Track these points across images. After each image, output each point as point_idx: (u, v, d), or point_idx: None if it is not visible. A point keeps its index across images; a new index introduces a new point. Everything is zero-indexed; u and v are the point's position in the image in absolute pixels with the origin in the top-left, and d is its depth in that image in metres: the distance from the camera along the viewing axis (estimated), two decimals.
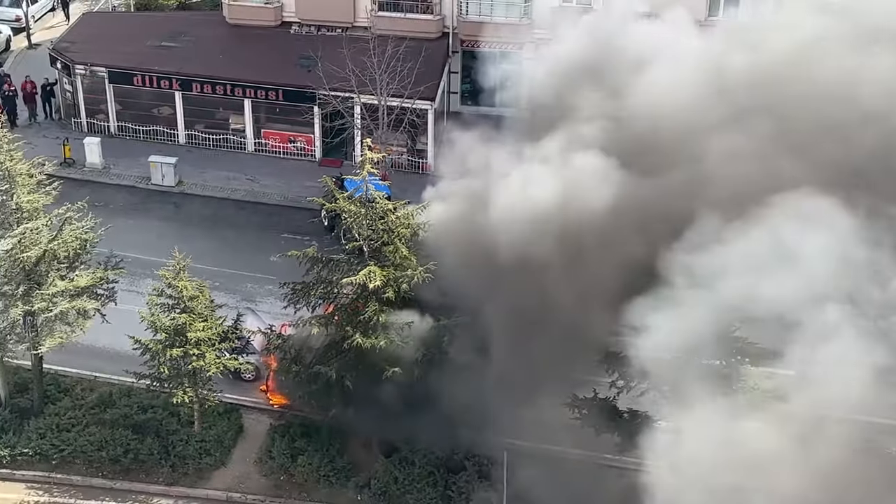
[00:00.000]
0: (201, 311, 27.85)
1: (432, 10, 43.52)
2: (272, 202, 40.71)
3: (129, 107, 44.07)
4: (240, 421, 30.43)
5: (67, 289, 28.10)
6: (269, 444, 29.54)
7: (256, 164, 42.82)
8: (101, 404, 30.33)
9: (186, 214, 40.01)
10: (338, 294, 27.89)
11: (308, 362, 28.30)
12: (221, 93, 42.78)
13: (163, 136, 43.77)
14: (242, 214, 40.10)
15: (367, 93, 39.31)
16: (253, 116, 43.09)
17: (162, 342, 27.58)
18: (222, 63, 43.37)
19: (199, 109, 43.49)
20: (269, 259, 35.98)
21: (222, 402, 29.97)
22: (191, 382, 28.07)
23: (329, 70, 39.50)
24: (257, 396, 31.27)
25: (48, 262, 28.26)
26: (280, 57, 43.33)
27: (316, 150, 43.08)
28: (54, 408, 30.10)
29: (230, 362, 28.56)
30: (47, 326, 28.37)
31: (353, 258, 27.66)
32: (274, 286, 32.19)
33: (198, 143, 43.63)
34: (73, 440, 29.19)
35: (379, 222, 27.17)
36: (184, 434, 29.40)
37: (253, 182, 41.80)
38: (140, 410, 29.94)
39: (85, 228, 28.96)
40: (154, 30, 45.63)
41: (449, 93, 45.15)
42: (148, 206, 40.28)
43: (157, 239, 36.87)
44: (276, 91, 42.30)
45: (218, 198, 40.93)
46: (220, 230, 39.03)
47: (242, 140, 43.47)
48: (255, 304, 34.45)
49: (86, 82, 43.91)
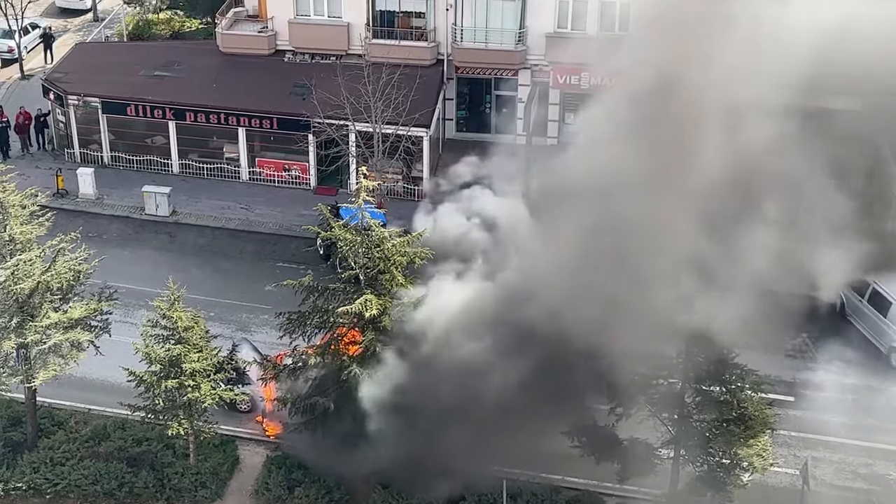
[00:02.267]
0: (196, 342, 27.60)
1: (426, 37, 43.54)
2: (267, 231, 40.54)
3: (122, 137, 43.99)
4: (236, 453, 30.12)
5: (61, 321, 27.84)
6: (265, 475, 29.22)
7: (251, 192, 42.69)
8: (96, 437, 30.02)
9: (181, 244, 39.82)
10: (334, 323, 27.67)
11: (305, 393, 28.05)
12: (215, 122, 42.69)
13: (157, 165, 43.65)
14: (237, 244, 39.92)
15: (361, 120, 39.22)
16: (247, 145, 42.99)
17: (157, 374, 27.31)
18: (216, 92, 43.30)
19: (192, 139, 43.42)
20: (264, 288, 35.82)
21: (218, 433, 29.68)
22: (186, 414, 27.78)
23: (323, 98, 39.44)
24: (253, 427, 30.98)
25: (41, 294, 28.02)
26: (274, 85, 43.27)
27: (311, 179, 42.96)
28: (48, 441, 29.78)
29: (226, 393, 28.27)
30: (41, 359, 28.08)
31: (350, 287, 27.45)
32: (269, 316, 31.96)
33: (192, 172, 43.49)
34: (68, 474, 28.84)
35: (375, 250, 26.98)
36: (179, 467, 29.08)
37: (248, 211, 41.64)
38: (135, 443, 29.63)
39: (78, 260, 28.73)
40: (147, 60, 45.58)
41: (444, 119, 45.11)
42: (142, 237, 40.09)
43: (152, 269, 36.67)
44: (271, 119, 42.22)
45: (212, 227, 40.76)
46: (215, 260, 38.85)
47: (237, 169, 43.33)
48: (251, 333, 34.21)
49: (79, 113, 43.83)
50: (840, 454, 30.01)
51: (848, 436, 30.41)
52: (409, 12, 43.82)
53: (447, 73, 44.20)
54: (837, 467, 29.69)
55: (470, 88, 45.85)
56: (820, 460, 29.66)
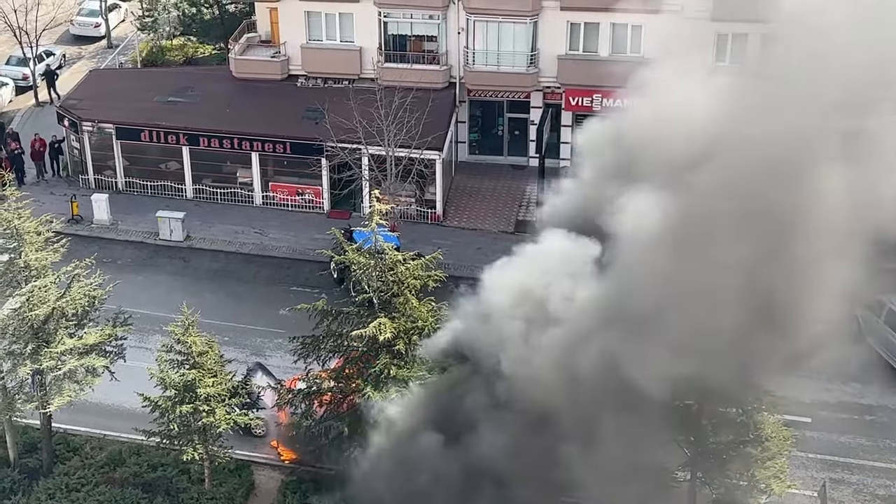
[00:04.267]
0: (211, 367, 27.61)
1: (439, 60, 43.66)
2: (281, 255, 40.57)
3: (136, 162, 44.13)
4: (251, 477, 30.05)
5: (76, 346, 27.89)
6: (280, 500, 29.15)
7: (265, 217, 42.76)
8: (111, 463, 30.00)
9: (195, 269, 39.88)
10: (348, 347, 27.65)
11: (320, 416, 28.01)
12: (229, 146, 42.83)
13: (170, 191, 43.77)
14: (251, 268, 39.95)
15: (374, 144, 39.30)
16: (260, 170, 43.09)
17: (171, 399, 27.31)
18: (229, 117, 43.46)
19: (206, 164, 43.55)
20: (278, 313, 35.81)
21: (233, 458, 29.61)
22: (201, 439, 27.76)
23: (336, 122, 39.55)
24: (268, 452, 30.92)
25: (56, 320, 28.07)
26: (287, 110, 43.42)
27: (324, 202, 43.02)
28: (63, 467, 29.77)
29: (240, 418, 28.25)
30: (56, 385, 28.12)
31: (363, 310, 27.43)
32: (283, 340, 31.94)
33: (206, 197, 43.60)
34: (83, 500, 28.79)
35: (388, 274, 26.98)
36: (194, 492, 29.01)
37: (261, 235, 41.70)
38: (150, 469, 29.59)
39: (93, 285, 28.80)
40: (161, 85, 45.79)
41: (457, 142, 45.19)
42: (156, 262, 40.18)
43: (166, 294, 36.72)
44: (284, 144, 42.33)
45: (226, 252, 40.83)
46: (229, 284, 38.89)
47: (250, 193, 43.43)
48: (265, 358, 34.19)
49: (93, 139, 44.00)
50: (858, 475, 29.82)
51: (866, 457, 30.26)
52: (421, 36, 43.97)
53: (459, 96, 44.29)
54: (856, 489, 29.48)
55: (482, 111, 45.94)
56: (838, 482, 29.45)
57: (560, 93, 43.69)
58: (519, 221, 41.99)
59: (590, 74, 42.52)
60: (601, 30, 42.38)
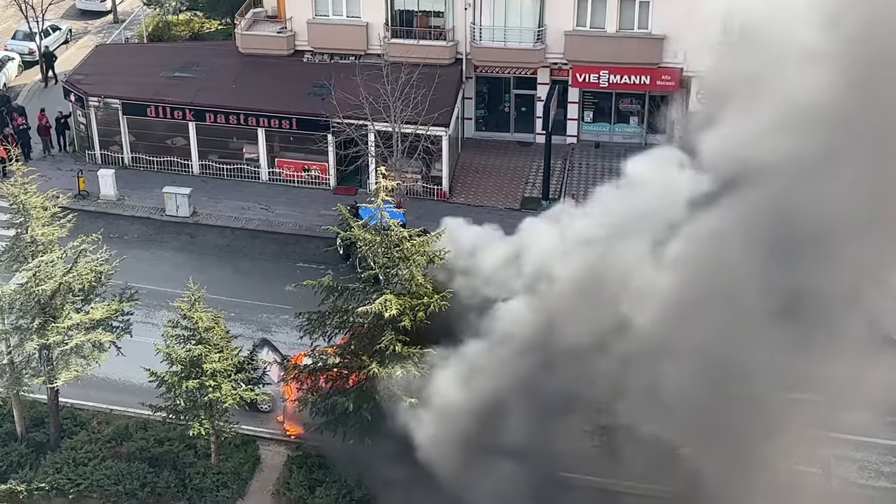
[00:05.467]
0: (217, 342, 27.69)
1: (445, 36, 43.51)
2: (287, 231, 40.59)
3: (142, 138, 44.12)
4: (257, 452, 30.19)
5: (83, 321, 27.99)
6: (286, 475, 29.30)
7: (271, 193, 42.75)
8: (118, 437, 30.16)
9: (201, 245, 39.92)
10: (353, 323, 27.68)
11: (325, 392, 28.08)
12: (235, 122, 42.78)
13: (177, 166, 43.77)
14: (257, 244, 39.99)
15: (380, 120, 39.23)
16: (267, 146, 43.05)
17: (178, 374, 27.42)
18: (236, 93, 43.39)
19: (212, 139, 43.52)
20: (284, 289, 35.86)
21: (239, 433, 29.77)
22: (207, 414, 27.86)
23: (342, 98, 39.47)
24: (274, 427, 31.03)
25: (63, 295, 28.16)
26: (293, 86, 43.34)
27: (330, 179, 42.99)
28: (70, 441, 29.94)
29: (246, 393, 28.34)
30: (63, 359, 28.24)
31: (369, 287, 27.46)
32: (289, 316, 32.01)
33: (212, 173, 43.60)
34: (90, 474, 28.98)
35: (394, 250, 26.98)
36: (201, 466, 29.17)
37: (267, 211, 41.71)
38: (156, 443, 29.73)
39: (100, 261, 28.87)
40: (167, 61, 45.72)
41: (463, 119, 45.08)
42: (162, 237, 40.22)
43: (172, 270, 36.80)
44: (290, 120, 42.28)
45: (232, 228, 40.85)
46: (235, 260, 38.94)
47: (256, 169, 43.41)
48: (271, 334, 34.26)
49: (99, 114, 43.98)
50: (863, 452, 29.81)
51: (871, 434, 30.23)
52: (428, 11, 43.80)
53: (466, 72, 44.15)
54: (861, 465, 29.49)
55: (489, 87, 45.83)
56: (843, 458, 29.45)
57: (567, 69, 43.55)
58: (525, 198, 41.93)
59: (597, 51, 42.40)
60: (608, 6, 42.16)
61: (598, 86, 43.33)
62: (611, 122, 45.21)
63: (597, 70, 42.71)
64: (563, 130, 44.44)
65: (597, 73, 42.79)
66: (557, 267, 26.07)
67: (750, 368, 23.65)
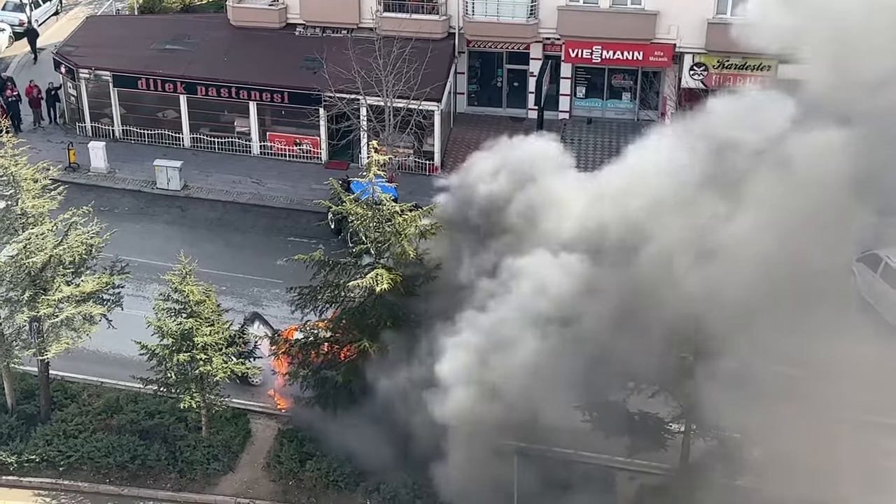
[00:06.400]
0: (208, 316, 27.67)
1: (438, 10, 43.35)
2: (278, 205, 40.55)
3: (133, 110, 43.99)
4: (247, 426, 30.24)
5: (73, 294, 27.94)
6: (277, 448, 29.35)
7: (262, 167, 42.67)
8: (108, 410, 30.17)
9: (192, 218, 39.86)
10: (345, 297, 27.69)
11: (316, 366, 28.12)
12: (226, 95, 42.63)
13: (168, 139, 43.64)
14: (248, 218, 39.94)
15: (372, 94, 39.12)
16: (258, 119, 42.94)
17: (168, 347, 27.41)
18: (227, 66, 43.22)
19: (203, 112, 43.38)
20: (275, 263, 35.86)
21: (230, 407, 29.79)
22: (198, 387, 27.88)
23: (334, 72, 39.34)
24: (265, 401, 31.07)
25: (54, 268, 28.09)
26: (285, 59, 43.17)
27: (322, 153, 42.91)
28: (61, 414, 29.93)
29: (237, 367, 28.37)
30: (53, 332, 28.22)
31: (360, 261, 27.45)
32: (281, 290, 32.01)
33: (203, 146, 43.48)
34: (80, 446, 29.01)
35: (386, 225, 26.97)
36: (191, 439, 29.21)
37: (259, 185, 41.64)
38: (147, 416, 29.75)
39: (90, 233, 28.79)
40: (158, 33, 45.51)
41: (455, 94, 44.99)
42: (153, 211, 40.15)
43: (163, 243, 36.75)
44: (282, 93, 42.15)
45: (223, 201, 40.77)
46: (226, 234, 38.89)
47: (248, 143, 43.30)
48: (262, 307, 34.26)
49: (90, 86, 43.80)
50: None
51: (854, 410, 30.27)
52: None
53: (459, 47, 44.02)
54: None
55: (481, 62, 45.71)
56: None
57: (560, 44, 43.42)
58: None
59: (590, 26, 42.27)
60: None
61: (591, 61, 43.22)
62: (603, 97, 45.16)
63: (589, 45, 42.60)
64: (556, 106, 44.37)
65: (589, 49, 42.68)
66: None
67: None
